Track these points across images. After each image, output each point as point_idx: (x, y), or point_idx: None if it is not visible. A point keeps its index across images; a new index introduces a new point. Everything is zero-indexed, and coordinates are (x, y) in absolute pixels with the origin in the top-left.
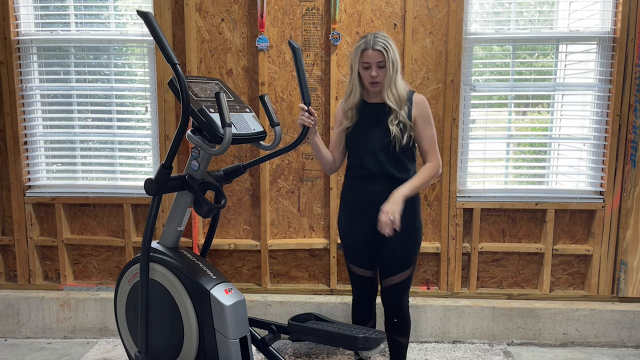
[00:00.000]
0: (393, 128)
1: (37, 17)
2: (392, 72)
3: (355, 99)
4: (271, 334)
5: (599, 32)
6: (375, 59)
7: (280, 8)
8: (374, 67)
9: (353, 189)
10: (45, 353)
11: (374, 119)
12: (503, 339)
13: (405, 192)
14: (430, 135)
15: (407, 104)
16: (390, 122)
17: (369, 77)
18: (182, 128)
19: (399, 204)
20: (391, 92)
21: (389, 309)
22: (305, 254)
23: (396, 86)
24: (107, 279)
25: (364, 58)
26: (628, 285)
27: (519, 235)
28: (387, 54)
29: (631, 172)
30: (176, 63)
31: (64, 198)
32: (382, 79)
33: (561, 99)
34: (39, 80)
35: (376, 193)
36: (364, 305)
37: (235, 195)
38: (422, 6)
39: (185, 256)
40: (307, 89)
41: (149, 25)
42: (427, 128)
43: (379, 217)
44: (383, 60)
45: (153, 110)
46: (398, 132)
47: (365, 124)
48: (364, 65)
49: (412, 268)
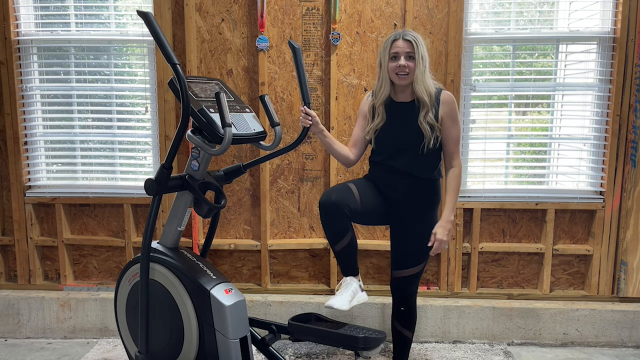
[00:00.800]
0: (425, 127)
1: (37, 17)
2: (422, 65)
3: (384, 95)
4: (271, 334)
5: (599, 32)
6: (404, 48)
7: (280, 8)
8: (403, 57)
9: (379, 177)
10: (45, 353)
11: (403, 118)
12: (503, 339)
13: (452, 217)
14: (456, 136)
15: (435, 105)
16: (422, 120)
17: (397, 67)
18: (182, 128)
19: (450, 231)
20: (423, 87)
21: (397, 297)
22: (306, 254)
23: (426, 82)
24: (107, 279)
25: (393, 48)
26: (628, 285)
27: (519, 235)
28: (417, 46)
29: (631, 172)
30: (176, 63)
31: (64, 198)
32: (411, 70)
33: (561, 99)
34: (39, 80)
35: (401, 192)
36: (339, 208)
37: (235, 195)
38: (422, 6)
39: (185, 256)
40: (307, 89)
41: (149, 25)
42: (453, 128)
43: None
44: (412, 52)
45: (153, 110)
46: (429, 133)
47: (395, 123)
48: (393, 55)
49: (424, 264)
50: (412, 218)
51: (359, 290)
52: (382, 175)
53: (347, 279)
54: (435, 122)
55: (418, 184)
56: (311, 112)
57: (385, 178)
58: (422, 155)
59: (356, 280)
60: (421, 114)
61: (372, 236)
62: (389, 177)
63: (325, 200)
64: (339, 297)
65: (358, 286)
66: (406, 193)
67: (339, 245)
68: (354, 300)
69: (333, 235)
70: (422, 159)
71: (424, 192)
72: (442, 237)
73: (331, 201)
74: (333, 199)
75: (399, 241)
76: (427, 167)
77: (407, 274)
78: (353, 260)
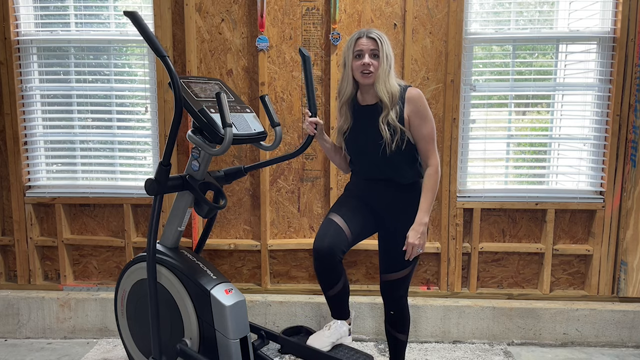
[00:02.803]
0: (384, 128)
1: (37, 17)
2: (386, 65)
3: (347, 94)
4: (260, 339)
5: (599, 32)
6: (368, 46)
7: (280, 8)
8: (367, 54)
9: (360, 188)
10: (45, 353)
11: (368, 121)
12: (503, 339)
13: (425, 219)
14: (428, 134)
15: (398, 104)
16: (381, 122)
17: (360, 65)
18: (176, 121)
19: (424, 234)
20: (385, 87)
21: (387, 301)
22: (306, 254)
23: (390, 82)
24: (107, 279)
25: (357, 46)
26: (628, 285)
27: (519, 235)
28: (382, 44)
29: (631, 172)
30: (165, 55)
31: (64, 198)
32: (375, 69)
33: (561, 99)
34: (39, 81)
35: (383, 201)
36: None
37: (235, 196)
38: (422, 6)
39: (185, 256)
40: (314, 98)
41: (135, 22)
42: (423, 125)
43: (405, 249)
44: (376, 49)
45: (153, 110)
46: (388, 135)
47: (360, 127)
48: (357, 53)
49: (412, 267)
50: (393, 222)
51: (346, 334)
52: (358, 182)
53: (338, 323)
54: (396, 123)
55: (394, 187)
56: (318, 121)
57: (362, 184)
58: (392, 157)
59: (346, 325)
60: (382, 115)
61: (372, 237)
62: (365, 184)
63: (319, 248)
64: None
65: (347, 330)
66: (384, 197)
67: (332, 291)
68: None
69: (328, 282)
70: (391, 163)
71: (401, 196)
72: (414, 241)
73: (325, 249)
74: (326, 245)
75: (385, 245)
76: (399, 170)
77: (394, 278)
78: (345, 305)
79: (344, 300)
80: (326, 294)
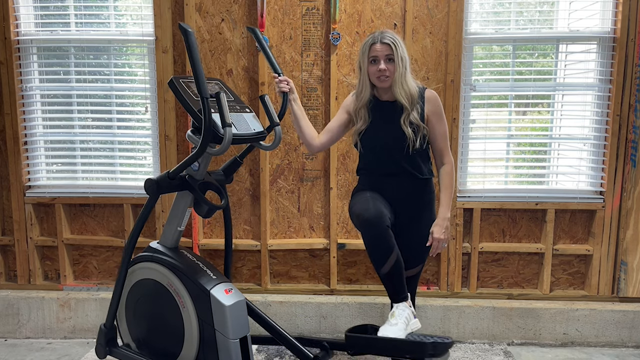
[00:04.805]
0: (407, 129)
1: (37, 17)
2: (401, 67)
3: (365, 98)
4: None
5: (599, 32)
6: (383, 52)
7: (280, 8)
8: (382, 60)
9: (374, 186)
10: (45, 353)
11: (387, 117)
12: (503, 339)
13: (448, 214)
14: (444, 132)
15: (419, 103)
16: (403, 122)
17: (377, 71)
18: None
19: (447, 228)
20: (403, 89)
21: None
22: (306, 254)
23: (407, 84)
24: (107, 279)
25: (372, 52)
26: (628, 285)
27: (519, 235)
28: (396, 49)
29: (631, 172)
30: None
31: (64, 198)
32: (391, 73)
33: (561, 99)
34: (39, 80)
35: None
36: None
37: (235, 195)
38: (422, 6)
39: (185, 256)
40: (275, 62)
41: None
42: (440, 124)
43: (430, 244)
44: (391, 54)
45: (153, 110)
46: (411, 134)
47: (380, 123)
48: (372, 59)
49: (423, 264)
50: (408, 219)
51: (412, 317)
52: (373, 180)
53: (400, 306)
54: (419, 122)
55: (409, 184)
56: (288, 79)
57: (377, 182)
58: (409, 155)
59: (408, 307)
60: (402, 116)
61: None
62: (380, 180)
63: (367, 215)
64: (394, 327)
65: (411, 312)
66: (399, 194)
67: (387, 265)
68: (408, 328)
69: (381, 253)
70: (410, 159)
71: (417, 192)
72: (440, 236)
73: (373, 214)
74: (373, 211)
75: (399, 243)
76: (416, 166)
77: (407, 275)
78: (403, 281)
79: (400, 275)
80: (381, 272)
